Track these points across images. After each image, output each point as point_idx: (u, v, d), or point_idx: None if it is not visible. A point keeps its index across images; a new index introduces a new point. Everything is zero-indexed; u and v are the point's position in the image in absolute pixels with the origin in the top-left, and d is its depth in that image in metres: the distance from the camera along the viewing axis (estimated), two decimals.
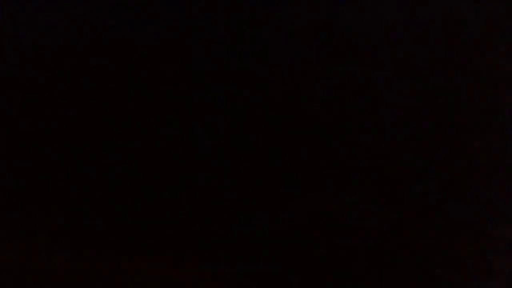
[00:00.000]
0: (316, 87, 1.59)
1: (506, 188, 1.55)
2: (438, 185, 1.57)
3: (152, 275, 1.45)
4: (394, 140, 1.57)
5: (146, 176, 1.58)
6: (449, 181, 1.57)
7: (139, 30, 1.62)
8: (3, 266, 1.50)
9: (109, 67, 1.61)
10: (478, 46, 1.57)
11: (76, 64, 1.62)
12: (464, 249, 1.52)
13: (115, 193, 1.57)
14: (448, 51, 1.60)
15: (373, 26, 1.56)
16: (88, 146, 1.59)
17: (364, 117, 1.59)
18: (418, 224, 1.55)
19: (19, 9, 1.59)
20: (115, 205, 1.56)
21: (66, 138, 1.60)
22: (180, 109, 1.60)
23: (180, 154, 1.59)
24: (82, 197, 1.57)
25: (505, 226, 1.53)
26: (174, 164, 1.58)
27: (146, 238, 1.53)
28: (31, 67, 1.62)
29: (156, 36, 1.62)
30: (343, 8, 1.57)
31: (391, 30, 1.58)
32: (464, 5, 1.44)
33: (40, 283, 1.47)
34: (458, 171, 1.57)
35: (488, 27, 1.53)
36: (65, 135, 1.60)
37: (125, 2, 1.64)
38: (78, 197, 1.56)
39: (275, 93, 1.60)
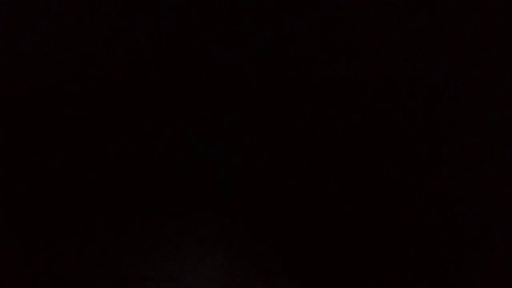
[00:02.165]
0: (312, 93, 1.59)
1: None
2: (437, 185, 1.57)
3: None
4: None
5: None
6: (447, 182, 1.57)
7: (140, 31, 1.62)
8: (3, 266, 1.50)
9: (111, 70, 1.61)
10: None
11: (75, 64, 1.62)
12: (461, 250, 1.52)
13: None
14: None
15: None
16: (87, 147, 1.59)
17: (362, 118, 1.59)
18: (417, 224, 1.55)
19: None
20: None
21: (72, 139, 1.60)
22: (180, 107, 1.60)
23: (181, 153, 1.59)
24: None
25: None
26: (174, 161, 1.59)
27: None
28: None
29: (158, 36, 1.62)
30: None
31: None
32: None
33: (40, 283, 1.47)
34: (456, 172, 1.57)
35: None
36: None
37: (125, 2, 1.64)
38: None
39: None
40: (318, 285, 1.51)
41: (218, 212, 1.56)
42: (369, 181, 1.57)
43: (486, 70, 1.59)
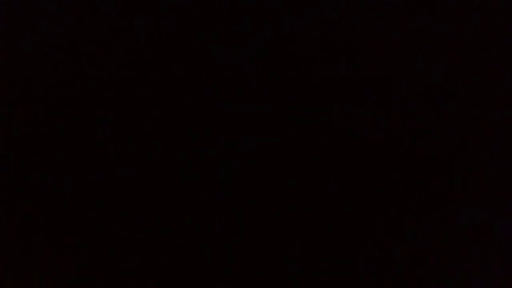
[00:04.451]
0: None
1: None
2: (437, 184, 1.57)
3: None
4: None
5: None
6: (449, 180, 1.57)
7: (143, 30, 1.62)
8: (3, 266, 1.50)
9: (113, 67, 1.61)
10: None
11: (75, 64, 1.61)
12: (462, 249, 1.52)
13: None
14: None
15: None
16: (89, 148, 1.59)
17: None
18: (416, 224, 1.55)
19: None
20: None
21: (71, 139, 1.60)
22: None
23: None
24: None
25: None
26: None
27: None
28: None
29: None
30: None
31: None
32: None
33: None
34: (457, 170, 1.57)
35: None
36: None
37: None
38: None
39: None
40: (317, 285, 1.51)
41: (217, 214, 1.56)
42: (369, 181, 1.57)
43: (486, 70, 1.59)
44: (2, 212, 1.56)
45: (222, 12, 1.61)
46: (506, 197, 1.55)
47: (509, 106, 1.57)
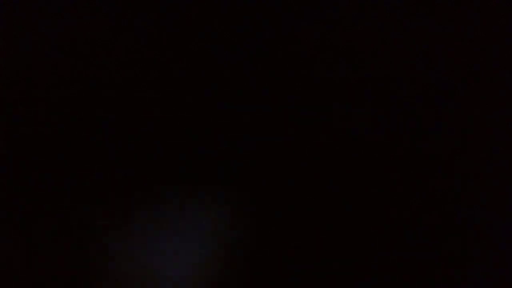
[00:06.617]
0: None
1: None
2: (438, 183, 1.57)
3: None
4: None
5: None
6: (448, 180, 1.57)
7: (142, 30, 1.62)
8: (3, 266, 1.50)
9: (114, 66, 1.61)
10: None
11: (76, 65, 1.62)
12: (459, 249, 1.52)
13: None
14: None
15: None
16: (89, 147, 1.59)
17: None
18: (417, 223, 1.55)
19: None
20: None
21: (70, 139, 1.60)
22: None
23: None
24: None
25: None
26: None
27: None
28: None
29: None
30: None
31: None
32: None
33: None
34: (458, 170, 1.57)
35: None
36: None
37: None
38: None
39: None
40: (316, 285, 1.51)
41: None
42: (369, 181, 1.57)
43: (486, 70, 1.59)
44: (2, 212, 1.56)
45: (222, 12, 1.61)
46: (506, 197, 1.55)
47: (509, 106, 1.58)
